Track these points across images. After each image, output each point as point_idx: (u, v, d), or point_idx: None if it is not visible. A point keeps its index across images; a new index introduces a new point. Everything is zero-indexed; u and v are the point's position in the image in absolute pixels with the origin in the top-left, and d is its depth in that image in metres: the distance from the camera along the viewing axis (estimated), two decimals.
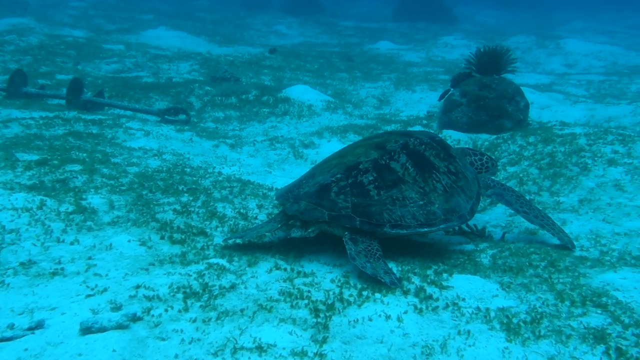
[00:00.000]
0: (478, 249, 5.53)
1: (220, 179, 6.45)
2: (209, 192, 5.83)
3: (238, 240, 4.91)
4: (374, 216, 4.80)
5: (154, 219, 4.84)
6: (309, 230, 5.01)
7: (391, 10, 42.91)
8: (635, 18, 47.51)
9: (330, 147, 8.99)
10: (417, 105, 13.78)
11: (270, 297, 3.86)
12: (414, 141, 5.45)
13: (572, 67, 24.12)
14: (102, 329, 3.14)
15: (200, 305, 3.66)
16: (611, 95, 16.25)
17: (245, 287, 3.96)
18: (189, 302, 3.67)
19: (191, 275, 4.00)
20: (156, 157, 6.98)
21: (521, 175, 7.51)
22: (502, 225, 6.43)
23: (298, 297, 3.92)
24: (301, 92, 12.12)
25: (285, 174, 7.54)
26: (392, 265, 4.74)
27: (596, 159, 7.49)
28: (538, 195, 6.98)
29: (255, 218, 5.43)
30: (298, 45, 28.11)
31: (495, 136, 9.05)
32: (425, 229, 4.94)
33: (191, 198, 5.53)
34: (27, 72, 12.41)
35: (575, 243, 5.54)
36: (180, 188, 5.78)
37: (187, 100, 11.49)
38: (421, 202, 4.99)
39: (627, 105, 12.62)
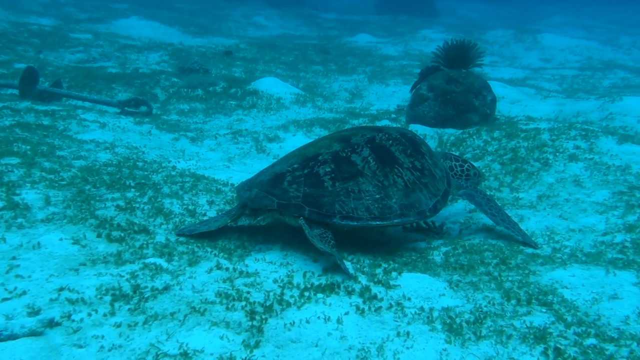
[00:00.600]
0: (432, 246, 5.45)
1: (173, 173, 6.28)
2: (158, 187, 5.66)
3: (186, 232, 4.81)
4: (324, 207, 4.80)
5: (93, 216, 4.65)
6: (259, 219, 4.97)
7: (374, 2, 42.78)
8: (615, 13, 47.92)
9: (295, 141, 8.85)
10: (389, 99, 13.66)
11: (206, 299, 3.72)
12: (382, 136, 5.47)
13: (549, 61, 24.22)
14: (13, 337, 2.96)
15: (129, 309, 3.50)
16: (583, 90, 16.29)
17: (181, 289, 3.81)
18: (116, 305, 3.51)
19: (123, 276, 3.83)
20: (108, 151, 6.77)
21: (483, 170, 7.44)
22: (461, 222, 6.35)
23: (236, 298, 3.79)
24: (270, 85, 11.94)
25: (245, 169, 7.38)
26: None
27: (558, 154, 7.44)
28: (498, 191, 6.91)
29: (204, 214, 5.28)
30: (276, 37, 27.84)
31: (461, 131, 8.98)
32: (378, 223, 4.91)
33: (138, 194, 5.35)
34: None
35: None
36: (127, 183, 5.60)
37: (152, 92, 11.25)
38: (377, 196, 4.99)
39: (595, 100, 12.61)
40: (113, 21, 22.83)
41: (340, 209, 4.82)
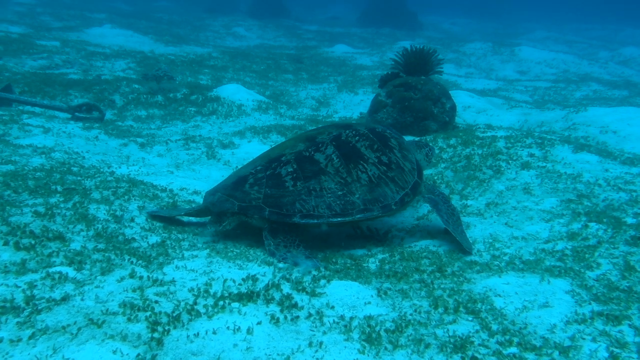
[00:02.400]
0: (370, 253, 5.28)
1: (109, 179, 6.05)
2: (88, 192, 5.43)
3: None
4: (284, 207, 4.83)
5: (5, 223, 4.41)
6: (224, 224, 4.99)
7: (357, 16, 42.89)
8: (599, 30, 48.31)
9: (250, 147, 8.68)
10: (356, 107, 13.52)
11: (107, 310, 3.49)
12: (349, 133, 5.48)
13: (525, 74, 24.36)
14: None
15: (17, 322, 3.26)
16: (554, 101, 16.30)
17: (82, 299, 3.58)
18: (3, 318, 3.27)
19: (19, 287, 3.59)
20: (43, 155, 6.53)
21: (435, 177, 7.30)
22: (408, 229, 6.18)
23: (141, 309, 3.56)
24: (232, 92, 11.76)
25: (192, 175, 7.17)
26: (268, 270, 4.43)
27: (511, 162, 7.33)
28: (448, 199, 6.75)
29: (132, 220, 5.06)
30: (254, 47, 27.76)
31: (417, 138, 8.84)
32: (339, 219, 4.93)
33: (62, 199, 5.12)
34: None
35: (472, 247, 5.33)
36: (54, 188, 5.36)
37: (110, 98, 11.02)
38: (340, 193, 5.00)
39: (560, 110, 12.58)
40: (85, 29, 22.57)
41: (301, 207, 4.84)
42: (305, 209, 4.86)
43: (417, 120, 9.03)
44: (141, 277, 3.98)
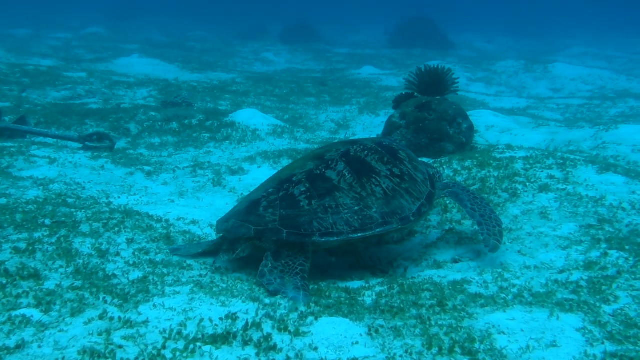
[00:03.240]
0: (367, 285, 4.96)
1: (104, 210, 5.89)
2: (77, 225, 5.26)
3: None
4: (302, 227, 4.73)
5: None
6: (238, 251, 4.89)
7: (388, 38, 42.81)
8: None
9: (260, 173, 8.46)
10: (376, 129, 13.24)
11: (63, 359, 3.25)
12: (357, 148, 5.43)
13: (558, 91, 23.75)
14: None
15: None
16: (586, 119, 15.73)
17: (39, 346, 3.34)
18: None
19: None
20: (41, 187, 6.42)
21: (447, 202, 6.92)
22: (414, 258, 5.83)
23: (102, 356, 3.30)
24: (248, 117, 11.63)
25: (194, 204, 6.98)
26: (252, 307, 4.14)
27: (528, 184, 6.92)
28: (459, 224, 6.39)
29: (117, 254, 4.85)
30: (281, 71, 27.80)
31: (432, 160, 8.49)
32: (360, 235, 4.82)
33: (47, 233, 4.96)
34: None
35: (479, 278, 4.95)
36: (41, 222, 5.21)
37: (125, 126, 11.00)
38: (357, 208, 4.91)
39: (590, 128, 12.05)
40: (114, 60, 22.93)
41: (319, 226, 4.74)
42: (323, 227, 4.76)
43: (432, 141, 8.69)
44: (112, 318, 3.73)
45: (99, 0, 61.23)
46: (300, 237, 4.71)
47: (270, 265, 4.65)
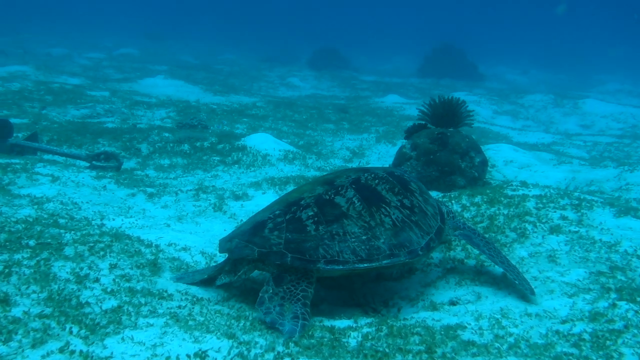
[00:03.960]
0: (355, 325, 4.67)
1: (94, 232, 5.73)
2: (61, 247, 5.11)
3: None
4: (307, 252, 4.59)
5: None
6: (240, 273, 4.77)
7: (417, 66, 42.75)
8: None
9: (264, 199, 8.27)
10: (391, 159, 12.93)
11: None
12: (368, 176, 5.31)
13: (588, 128, 23.25)
14: None
15: None
16: (613, 158, 15.25)
17: None
18: None
19: None
20: (35, 206, 6.31)
21: (451, 238, 6.62)
22: (411, 298, 5.55)
23: None
24: (260, 141, 11.50)
25: (190, 229, 6.79)
26: (226, 344, 3.90)
27: (538, 224, 6.60)
28: (461, 263, 6.08)
29: (96, 280, 4.66)
30: (305, 97, 27.81)
31: (442, 194, 8.21)
32: (366, 265, 4.69)
33: (27, 255, 4.81)
34: None
35: (474, 324, 4.65)
36: (25, 243, 5.07)
37: (137, 147, 10.95)
38: (364, 237, 4.77)
39: (614, 168, 11.64)
40: (139, 80, 23.19)
41: (325, 253, 4.61)
42: (329, 254, 4.62)
43: (442, 174, 8.42)
44: (72, 352, 3.53)
45: (135, 22, 62.84)
46: (305, 262, 4.57)
47: (271, 291, 4.49)
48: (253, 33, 67.65)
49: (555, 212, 6.91)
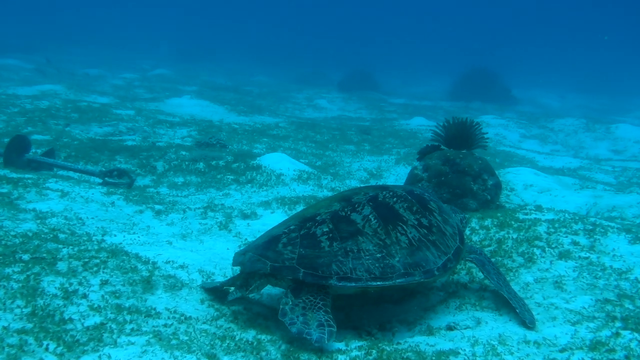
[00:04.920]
0: (345, 349, 4.54)
1: (92, 248, 5.73)
2: (54, 262, 5.11)
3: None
4: (320, 268, 4.58)
5: None
6: (252, 287, 4.78)
7: (449, 89, 42.48)
8: None
9: (272, 219, 8.20)
10: None
11: None
12: (386, 194, 5.30)
13: (620, 153, 22.66)
14: None
15: None
16: None
17: None
18: None
19: None
20: (38, 221, 6.36)
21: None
22: (409, 321, 5.39)
23: None
24: (275, 161, 11.48)
25: (192, 247, 6.75)
26: None
27: (547, 249, 6.39)
28: (464, 288, 5.90)
29: (84, 296, 4.64)
30: (330, 118, 27.78)
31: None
32: (379, 283, 4.65)
33: (19, 269, 4.82)
34: (7, 132, 12.39)
35: (469, 350, 4.47)
36: (19, 257, 5.09)
37: (153, 164, 11.03)
38: (379, 255, 4.74)
39: (637, 194, 11.28)
40: (166, 100, 23.49)
41: (338, 269, 4.59)
42: (342, 271, 4.60)
43: (454, 197, 8.25)
44: None
45: (173, 45, 64.15)
46: (317, 278, 4.55)
47: (290, 302, 4.50)
48: (287, 56, 68.16)
49: (566, 237, 6.69)
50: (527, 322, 4.88)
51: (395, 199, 5.27)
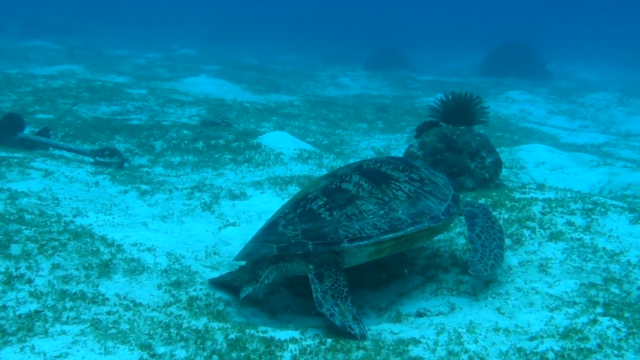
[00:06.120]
0: (299, 337, 4.28)
1: (56, 229, 5.56)
2: (8, 245, 4.94)
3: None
4: (328, 236, 4.58)
5: None
6: (262, 278, 4.64)
7: (479, 64, 41.35)
8: None
9: (260, 199, 7.97)
10: None
11: None
12: (369, 162, 5.41)
13: None
14: None
15: None
16: None
17: None
18: None
19: None
20: (8, 201, 6.18)
21: (442, 245, 6.10)
22: (381, 307, 5.12)
23: None
24: (276, 139, 11.21)
25: (168, 229, 6.54)
26: (134, 358, 3.61)
27: (538, 230, 5.99)
28: (444, 271, 5.57)
29: (28, 281, 4.44)
30: (351, 96, 27.31)
31: None
32: (390, 235, 4.66)
33: None
34: (14, 111, 12.37)
35: (432, 338, 4.17)
36: None
37: (150, 144, 10.88)
38: (382, 212, 4.77)
39: None
40: (182, 79, 23.35)
41: (346, 233, 4.60)
42: (350, 233, 4.59)
43: (450, 175, 7.82)
44: None
45: (205, 26, 63.89)
46: (328, 246, 4.53)
47: (319, 289, 4.47)
48: (318, 34, 67.36)
49: (561, 217, 6.27)
50: (475, 271, 4.85)
51: (379, 164, 5.32)
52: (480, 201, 7.00)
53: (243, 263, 5.25)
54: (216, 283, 5.25)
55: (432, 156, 7.98)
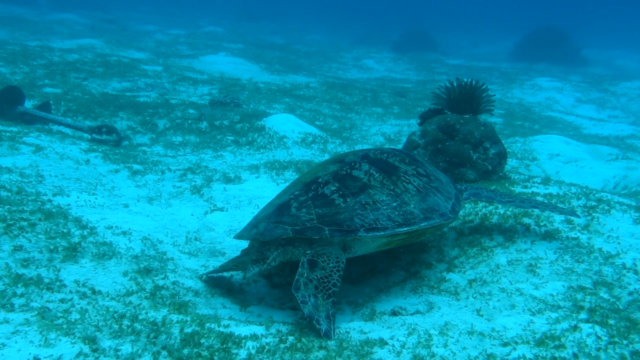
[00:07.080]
0: (262, 333, 4.07)
1: (29, 208, 5.42)
2: None
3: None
4: (344, 223, 4.50)
5: None
6: (269, 260, 4.55)
7: (511, 49, 40.32)
8: None
9: (254, 184, 7.76)
10: None
11: None
12: (375, 152, 5.32)
13: None
14: None
15: None
16: None
17: None
18: None
19: None
20: None
21: (432, 239, 5.82)
22: (358, 303, 4.88)
23: None
24: (281, 122, 10.95)
25: (151, 211, 6.37)
26: (70, 352, 3.42)
27: (533, 228, 5.67)
28: (428, 267, 5.30)
29: None
30: (374, 79, 26.84)
31: None
32: (405, 229, 4.63)
33: None
34: (23, 84, 12.32)
35: (401, 340, 3.94)
36: None
37: (153, 122, 10.72)
38: (395, 204, 4.74)
39: None
40: (201, 57, 23.13)
41: (362, 222, 4.53)
42: (366, 222, 4.53)
43: (451, 166, 7.53)
44: None
45: (237, 2, 63.23)
46: (345, 234, 4.44)
47: (306, 275, 4.32)
48: (348, 15, 66.31)
49: (560, 214, 5.92)
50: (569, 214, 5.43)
51: (385, 154, 5.26)
52: None
53: (241, 241, 5.15)
54: (216, 273, 5.13)
55: (433, 145, 7.65)
